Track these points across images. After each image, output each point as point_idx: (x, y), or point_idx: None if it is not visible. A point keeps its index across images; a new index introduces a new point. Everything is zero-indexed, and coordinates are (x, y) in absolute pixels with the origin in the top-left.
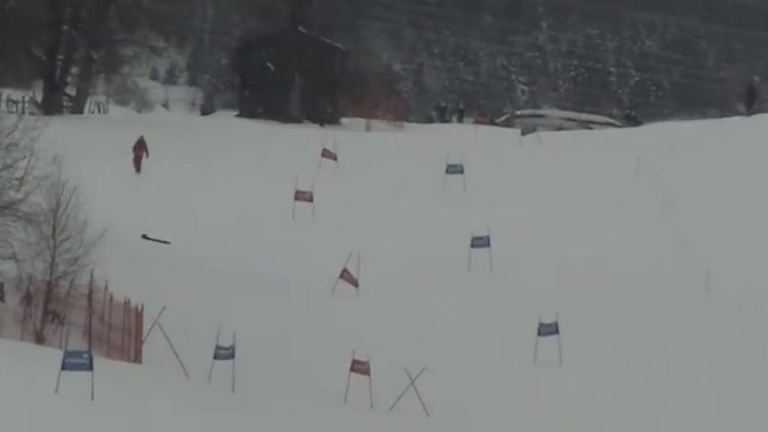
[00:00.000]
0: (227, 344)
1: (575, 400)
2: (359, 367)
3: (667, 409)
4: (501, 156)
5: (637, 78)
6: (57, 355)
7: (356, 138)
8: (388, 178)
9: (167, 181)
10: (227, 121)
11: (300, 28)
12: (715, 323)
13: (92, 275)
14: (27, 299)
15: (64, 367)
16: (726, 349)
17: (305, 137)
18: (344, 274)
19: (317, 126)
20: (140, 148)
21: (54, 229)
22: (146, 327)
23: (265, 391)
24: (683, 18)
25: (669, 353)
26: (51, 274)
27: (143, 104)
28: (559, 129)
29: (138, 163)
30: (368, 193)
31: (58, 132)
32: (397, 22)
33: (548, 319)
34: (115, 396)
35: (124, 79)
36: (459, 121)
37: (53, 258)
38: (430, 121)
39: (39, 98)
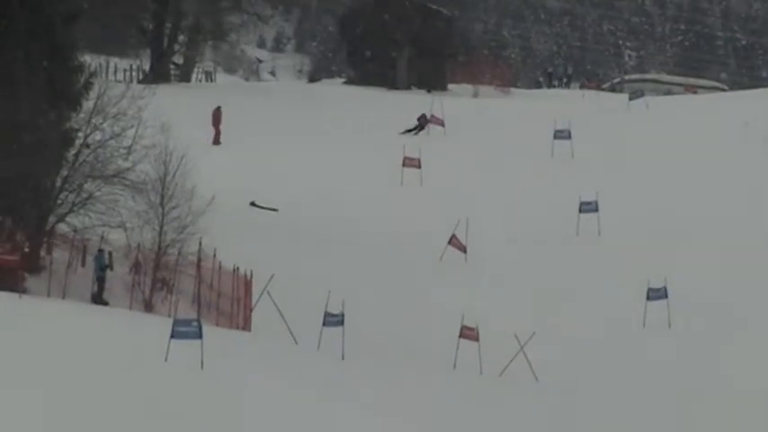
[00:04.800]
0: (336, 311)
1: (683, 364)
2: (468, 333)
3: None
4: (608, 121)
5: (744, 42)
6: (166, 324)
7: (464, 104)
8: (495, 144)
9: (276, 148)
10: (334, 89)
11: None
12: None
13: (200, 243)
14: (136, 267)
15: (173, 336)
16: None
17: (413, 103)
18: (453, 240)
19: (424, 92)
20: (217, 120)
21: (162, 197)
22: (255, 294)
23: (375, 358)
24: None
25: None
26: (160, 242)
27: (250, 72)
28: (667, 93)
29: (217, 137)
30: (476, 159)
31: (166, 101)
32: None
33: (656, 284)
34: (224, 365)
35: (231, 47)
36: (566, 86)
37: (161, 227)
38: (538, 86)
39: (146, 67)
